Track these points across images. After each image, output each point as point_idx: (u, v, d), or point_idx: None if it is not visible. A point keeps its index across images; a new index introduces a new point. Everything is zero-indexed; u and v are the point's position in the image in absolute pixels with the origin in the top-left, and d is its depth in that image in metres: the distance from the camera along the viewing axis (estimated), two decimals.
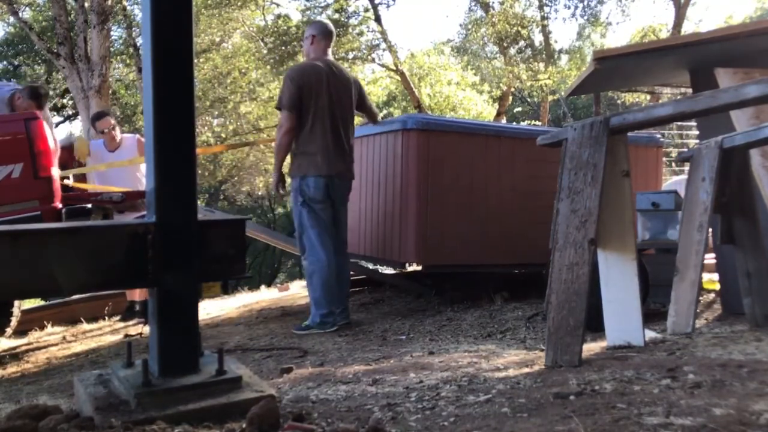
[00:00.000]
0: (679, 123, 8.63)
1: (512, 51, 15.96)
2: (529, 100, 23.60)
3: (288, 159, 4.04)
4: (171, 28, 1.55)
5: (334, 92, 3.89)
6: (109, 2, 11.13)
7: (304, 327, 3.91)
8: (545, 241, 4.39)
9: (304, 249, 3.97)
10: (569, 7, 16.18)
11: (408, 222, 4.24)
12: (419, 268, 5.34)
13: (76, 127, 24.45)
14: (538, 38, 16.71)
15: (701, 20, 21.90)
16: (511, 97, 19.41)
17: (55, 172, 4.45)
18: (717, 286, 3.84)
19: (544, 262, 4.67)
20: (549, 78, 15.38)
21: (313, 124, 3.83)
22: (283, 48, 14.11)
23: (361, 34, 15.16)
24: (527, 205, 4.51)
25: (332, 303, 3.86)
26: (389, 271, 6.74)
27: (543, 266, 5.11)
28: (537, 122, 18.90)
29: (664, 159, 9.53)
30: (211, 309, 5.88)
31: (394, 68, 15.63)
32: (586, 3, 16.09)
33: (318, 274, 3.87)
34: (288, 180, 4.23)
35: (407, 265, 4.83)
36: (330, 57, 4.07)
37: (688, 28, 16.47)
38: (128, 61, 15.52)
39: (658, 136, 5.40)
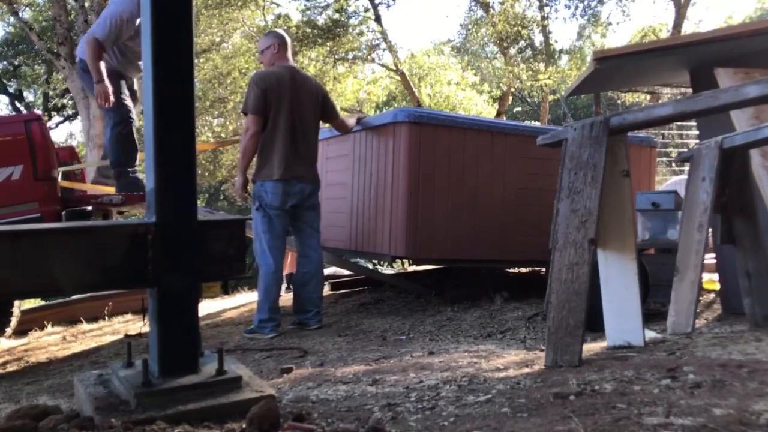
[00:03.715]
0: (679, 123, 8.64)
1: (512, 51, 15.96)
2: (529, 100, 23.61)
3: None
4: (171, 28, 1.55)
5: (295, 97, 3.95)
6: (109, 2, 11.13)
7: (249, 330, 3.96)
8: (538, 237, 4.41)
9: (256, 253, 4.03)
10: (569, 7, 16.19)
11: (398, 215, 4.25)
12: (413, 265, 5.31)
13: (75, 127, 24.47)
14: (538, 38, 16.73)
15: (701, 20, 21.98)
16: (511, 97, 19.41)
17: (56, 173, 4.46)
18: (717, 286, 3.84)
19: (536, 259, 4.71)
20: (549, 78, 15.38)
21: (273, 129, 3.89)
22: None
23: (361, 34, 15.17)
24: (520, 201, 4.52)
25: (272, 310, 3.89)
26: (380, 266, 6.73)
27: (535, 263, 5.12)
28: (536, 122, 18.90)
29: (664, 159, 9.55)
30: (211, 309, 5.89)
31: (394, 68, 15.64)
32: (586, 3, 16.10)
33: (263, 280, 3.91)
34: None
35: (402, 261, 4.83)
36: (292, 63, 4.15)
37: (688, 28, 16.49)
38: None
39: (652, 136, 5.39)
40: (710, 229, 2.80)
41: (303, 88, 4.01)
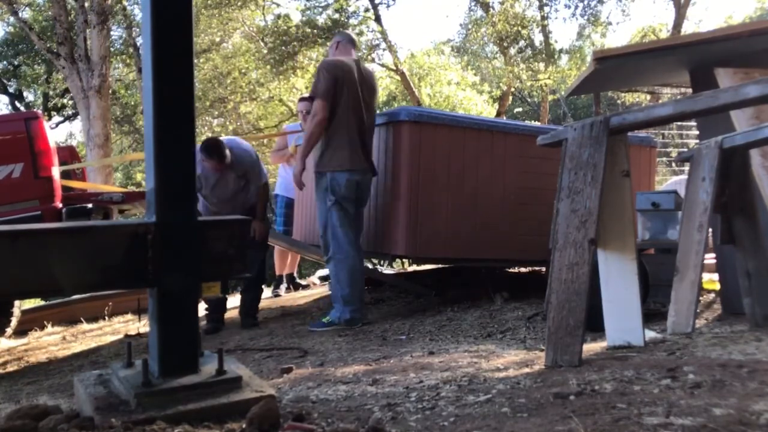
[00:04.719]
0: (679, 123, 8.64)
1: (512, 51, 15.96)
2: (529, 100, 23.61)
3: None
4: (171, 28, 1.55)
5: (363, 89, 3.96)
6: (109, 2, 11.14)
7: (326, 323, 3.90)
8: (538, 237, 4.40)
9: (327, 247, 3.98)
10: (569, 7, 16.17)
11: (398, 214, 4.25)
12: (413, 265, 5.26)
13: (75, 127, 24.47)
14: (538, 38, 16.72)
15: (701, 20, 21.99)
16: (511, 97, 19.41)
17: (56, 171, 4.46)
18: (717, 286, 3.84)
19: (536, 259, 4.71)
20: (549, 78, 15.38)
21: (343, 118, 3.88)
22: (283, 48, 14.11)
23: (361, 34, 15.15)
24: (520, 200, 4.53)
25: (360, 300, 3.95)
26: (380, 265, 6.72)
27: (535, 263, 5.12)
28: (536, 122, 18.89)
29: (664, 159, 9.55)
30: None
31: (394, 68, 15.64)
32: (586, 3, 16.09)
33: (347, 272, 3.91)
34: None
35: (402, 261, 4.83)
36: (355, 57, 4.16)
37: (688, 28, 16.50)
38: (128, 61, 15.52)
39: (652, 136, 5.39)
40: (710, 229, 2.80)
41: (367, 80, 4.05)
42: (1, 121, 4.91)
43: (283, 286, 6.42)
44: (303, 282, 6.95)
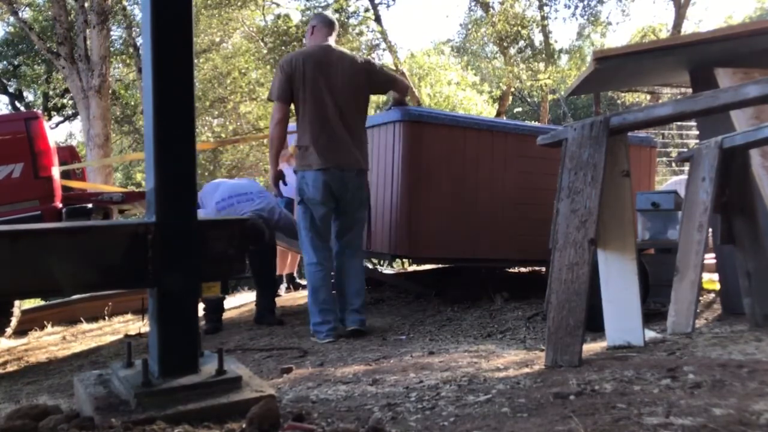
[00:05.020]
0: (679, 123, 8.65)
1: (512, 51, 15.96)
2: (529, 100, 23.61)
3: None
4: (171, 28, 1.55)
5: (332, 77, 3.59)
6: (109, 2, 11.14)
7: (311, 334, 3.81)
8: (538, 237, 4.41)
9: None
10: (569, 7, 16.18)
11: (398, 214, 4.25)
12: (413, 265, 5.25)
13: (76, 127, 24.47)
14: (538, 38, 16.73)
15: (701, 20, 22.00)
16: (511, 97, 19.41)
17: (56, 171, 4.46)
18: (717, 286, 3.84)
19: (536, 259, 4.72)
20: (549, 78, 15.39)
21: (309, 114, 3.57)
22: (283, 48, 14.12)
23: (361, 34, 15.17)
24: (520, 200, 4.53)
25: (323, 311, 3.59)
26: (380, 265, 6.72)
27: (535, 263, 5.12)
28: (536, 122, 18.89)
29: (664, 159, 9.56)
30: None
31: (394, 68, 15.62)
32: (586, 3, 16.10)
33: (308, 279, 3.68)
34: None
35: (402, 260, 4.81)
36: (330, 43, 3.74)
37: (688, 28, 16.51)
38: (128, 61, 15.53)
39: (652, 136, 5.40)
40: (710, 229, 2.80)
41: (339, 67, 3.62)
42: (1, 121, 4.92)
43: (283, 286, 6.42)
44: (303, 282, 6.95)
